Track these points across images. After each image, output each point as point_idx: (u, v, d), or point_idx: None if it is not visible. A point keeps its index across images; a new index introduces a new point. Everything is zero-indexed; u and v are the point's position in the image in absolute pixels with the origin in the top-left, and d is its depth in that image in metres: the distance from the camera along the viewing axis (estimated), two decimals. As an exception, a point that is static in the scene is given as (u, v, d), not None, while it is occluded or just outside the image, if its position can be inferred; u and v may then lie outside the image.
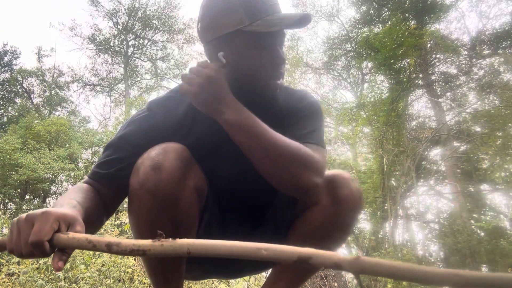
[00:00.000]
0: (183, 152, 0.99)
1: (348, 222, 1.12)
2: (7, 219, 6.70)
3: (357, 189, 1.11)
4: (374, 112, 11.57)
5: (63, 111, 18.24)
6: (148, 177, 0.93)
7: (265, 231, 1.22)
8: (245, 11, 1.00)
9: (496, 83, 11.43)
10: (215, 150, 1.12)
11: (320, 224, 1.09)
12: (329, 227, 1.09)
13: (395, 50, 10.52)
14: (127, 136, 1.08)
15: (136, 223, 1.00)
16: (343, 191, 1.09)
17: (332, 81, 17.46)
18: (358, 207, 1.11)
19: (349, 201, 1.09)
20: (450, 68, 12.56)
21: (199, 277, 1.34)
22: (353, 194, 1.10)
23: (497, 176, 11.30)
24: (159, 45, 21.01)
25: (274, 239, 1.17)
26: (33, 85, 18.28)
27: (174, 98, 1.15)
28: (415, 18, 12.03)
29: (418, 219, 12.32)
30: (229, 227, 1.21)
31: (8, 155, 11.41)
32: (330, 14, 16.15)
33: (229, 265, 1.26)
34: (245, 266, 1.30)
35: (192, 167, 1.01)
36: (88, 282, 4.68)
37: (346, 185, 1.10)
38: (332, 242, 1.13)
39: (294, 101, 1.18)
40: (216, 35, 1.04)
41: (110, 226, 6.01)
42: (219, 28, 1.03)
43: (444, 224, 11.73)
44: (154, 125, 1.09)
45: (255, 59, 1.03)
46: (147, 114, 1.11)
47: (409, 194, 11.78)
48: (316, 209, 1.10)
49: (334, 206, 1.08)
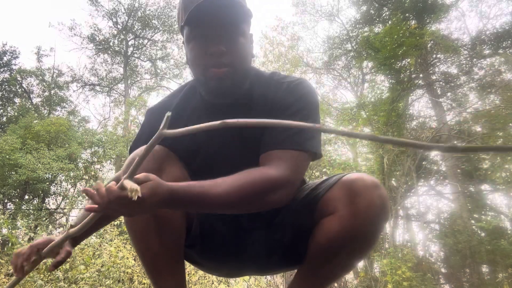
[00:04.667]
0: (158, 151, 1.06)
1: (369, 237, 1.02)
2: (6, 219, 6.67)
3: (380, 197, 0.99)
4: (374, 112, 11.55)
5: (62, 111, 18.19)
6: None
7: (283, 233, 1.18)
8: (183, 8, 1.07)
9: (497, 83, 11.41)
10: (210, 153, 1.16)
11: (337, 235, 1.01)
12: (347, 240, 1.00)
13: (396, 50, 10.50)
14: (136, 142, 1.23)
15: (127, 219, 1.10)
16: (362, 201, 0.98)
17: (332, 81, 17.42)
18: (380, 220, 1.00)
19: (370, 214, 0.98)
20: (451, 68, 12.55)
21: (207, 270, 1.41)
22: (374, 204, 0.98)
23: (498, 176, 11.27)
24: (158, 45, 20.97)
25: (293, 243, 1.15)
26: (33, 85, 18.22)
27: (170, 102, 1.23)
28: (416, 18, 12.01)
29: (419, 219, 12.31)
30: (236, 224, 1.21)
31: (8, 155, 11.38)
32: (330, 13, 16.12)
33: (232, 263, 1.26)
34: (248, 266, 1.28)
35: (168, 164, 1.07)
36: (88, 282, 4.67)
37: (366, 194, 0.99)
38: (351, 255, 1.05)
39: (281, 94, 1.12)
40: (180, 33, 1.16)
41: (110, 226, 6.01)
42: (179, 27, 1.14)
43: (445, 224, 11.71)
44: (153, 131, 1.13)
45: (191, 51, 1.08)
46: (145, 123, 1.25)
47: (409, 194, 11.77)
48: (333, 219, 1.02)
49: (352, 218, 0.99)
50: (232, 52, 1.05)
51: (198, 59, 1.07)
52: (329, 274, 1.08)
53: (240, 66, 1.08)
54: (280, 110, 1.09)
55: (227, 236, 1.20)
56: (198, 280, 5.74)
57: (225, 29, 1.04)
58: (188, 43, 1.08)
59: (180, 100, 1.22)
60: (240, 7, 1.03)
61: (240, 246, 1.21)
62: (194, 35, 1.06)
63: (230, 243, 1.20)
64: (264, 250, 1.20)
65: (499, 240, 9.70)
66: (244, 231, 1.21)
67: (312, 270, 1.08)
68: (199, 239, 1.17)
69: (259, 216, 1.22)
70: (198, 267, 1.35)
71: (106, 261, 5.05)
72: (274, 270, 1.32)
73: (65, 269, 4.88)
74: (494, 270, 10.53)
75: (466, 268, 10.63)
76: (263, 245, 1.19)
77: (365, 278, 9.38)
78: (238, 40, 1.06)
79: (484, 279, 10.31)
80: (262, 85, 1.17)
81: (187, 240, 1.15)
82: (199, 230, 1.17)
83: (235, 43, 1.06)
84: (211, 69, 1.05)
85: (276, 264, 1.23)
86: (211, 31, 1.04)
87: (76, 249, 5.38)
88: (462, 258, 10.23)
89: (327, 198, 1.06)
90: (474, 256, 9.85)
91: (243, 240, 1.21)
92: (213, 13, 1.02)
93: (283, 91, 1.13)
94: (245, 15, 1.07)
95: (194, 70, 1.11)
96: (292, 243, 1.14)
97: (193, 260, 1.28)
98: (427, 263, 10.62)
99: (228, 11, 1.02)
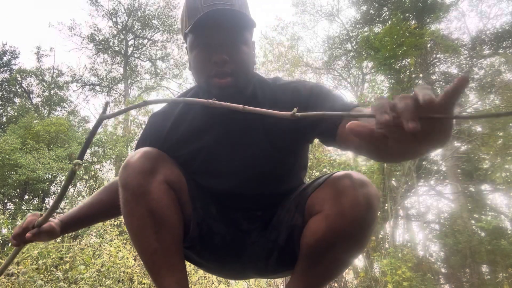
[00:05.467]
0: (150, 152, 1.10)
1: (356, 236, 0.99)
2: (6, 219, 6.67)
3: (365, 196, 0.96)
4: (374, 112, 11.53)
5: (62, 111, 18.18)
6: (120, 175, 1.08)
7: (278, 234, 1.18)
8: (188, 16, 1.08)
9: (497, 83, 11.42)
10: (213, 155, 1.18)
11: (324, 235, 0.99)
12: (335, 240, 0.99)
13: (395, 50, 10.50)
14: (139, 142, 1.30)
15: (124, 217, 1.11)
16: (347, 200, 0.96)
17: (332, 81, 17.43)
18: (366, 219, 0.97)
19: (355, 213, 0.95)
20: (451, 68, 12.55)
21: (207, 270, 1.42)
22: (359, 203, 0.95)
23: (498, 176, 11.29)
24: (158, 44, 20.96)
25: (288, 244, 1.15)
26: (32, 85, 18.21)
27: (173, 107, 1.27)
28: (416, 18, 12.02)
29: (419, 219, 12.31)
30: (235, 225, 1.22)
31: (7, 155, 11.38)
32: (330, 13, 16.12)
33: (232, 265, 1.26)
34: (248, 268, 1.28)
35: (162, 164, 1.10)
36: (88, 282, 4.67)
37: (351, 192, 0.97)
38: (341, 255, 1.03)
39: (291, 94, 1.14)
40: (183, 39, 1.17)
41: (110, 226, 6.02)
42: (182, 33, 1.16)
43: (445, 225, 11.72)
44: (156, 135, 1.24)
45: (194, 59, 1.09)
46: (148, 127, 1.30)
47: (409, 194, 11.77)
48: (319, 218, 1.01)
49: (338, 218, 0.97)
50: (235, 61, 1.06)
51: (201, 67, 1.08)
52: (322, 274, 1.07)
53: (243, 74, 1.09)
54: (300, 107, 1.08)
55: (226, 237, 1.20)
56: (198, 280, 5.74)
57: (229, 38, 1.05)
58: (192, 51, 1.09)
59: (183, 106, 1.24)
60: (243, 16, 1.04)
61: (239, 248, 1.21)
62: (198, 43, 1.07)
63: (229, 244, 1.20)
64: (261, 251, 1.20)
65: (499, 240, 9.71)
66: (242, 232, 1.21)
67: (306, 270, 1.08)
68: (198, 240, 1.17)
69: (257, 217, 1.23)
70: (200, 267, 1.36)
71: (106, 261, 5.04)
72: (274, 273, 1.30)
73: (65, 269, 4.88)
74: (494, 270, 10.54)
75: (466, 268, 10.64)
76: (261, 247, 1.20)
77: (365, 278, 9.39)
78: (241, 49, 1.07)
79: (484, 279, 10.32)
80: (266, 90, 1.18)
81: (186, 241, 1.15)
82: (197, 232, 1.16)
83: (238, 52, 1.07)
84: (214, 79, 1.06)
85: (275, 266, 1.21)
86: (214, 40, 1.05)
87: (76, 249, 5.38)
88: (462, 258, 10.24)
89: (315, 196, 1.06)
90: (474, 256, 9.85)
91: (242, 241, 1.21)
92: (217, 22, 1.03)
93: (292, 91, 1.15)
94: (248, 24, 1.07)
95: (197, 78, 1.12)
96: (287, 243, 1.14)
97: (194, 261, 1.28)
98: (427, 263, 10.62)
99: (232, 20, 1.03)
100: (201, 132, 1.17)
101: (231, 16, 1.02)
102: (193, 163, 1.18)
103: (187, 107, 1.23)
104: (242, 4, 1.07)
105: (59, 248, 5.31)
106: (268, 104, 1.13)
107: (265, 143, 1.14)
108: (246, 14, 1.05)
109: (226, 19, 1.02)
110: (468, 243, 9.79)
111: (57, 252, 5.12)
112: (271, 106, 1.10)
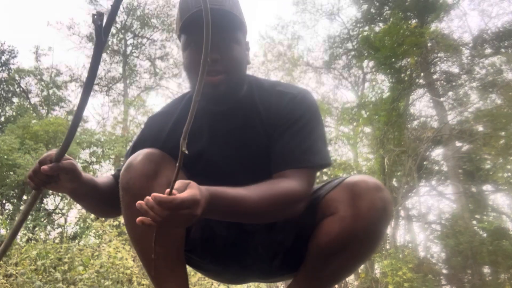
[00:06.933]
0: (154, 154, 1.09)
1: (370, 239, 1.04)
2: (4, 220, 6.63)
3: (382, 199, 1.01)
4: (375, 111, 11.56)
5: (61, 110, 18.11)
6: (122, 177, 1.07)
7: (285, 235, 1.18)
8: (180, 17, 1.10)
9: (499, 82, 11.42)
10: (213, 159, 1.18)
11: (337, 236, 1.02)
12: (348, 241, 1.02)
13: (396, 49, 10.52)
14: (136, 144, 1.27)
15: (125, 220, 1.10)
16: (364, 203, 1.00)
17: (332, 80, 17.40)
18: (381, 222, 1.02)
19: (371, 216, 1.00)
20: (452, 67, 12.54)
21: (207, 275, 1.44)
22: (376, 207, 1.00)
23: (500, 177, 11.31)
24: (158, 44, 20.92)
25: (295, 246, 1.16)
26: (31, 84, 18.13)
27: (171, 110, 1.27)
28: (416, 17, 12.02)
29: (420, 220, 12.31)
30: (239, 227, 1.20)
31: (6, 155, 11.32)
32: (330, 12, 16.09)
33: (234, 268, 1.26)
34: (251, 271, 1.28)
35: (165, 166, 1.08)
36: (87, 283, 4.68)
37: (368, 196, 1.01)
38: (352, 257, 1.06)
39: (286, 105, 1.14)
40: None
41: (109, 227, 6.02)
42: (177, 35, 1.18)
43: (446, 225, 11.70)
44: (154, 138, 1.23)
45: (186, 58, 1.12)
46: (145, 129, 1.29)
47: (410, 195, 11.78)
48: (334, 220, 1.04)
49: (353, 220, 1.01)
50: (226, 59, 1.08)
51: (193, 66, 1.10)
52: (329, 277, 1.09)
53: (235, 72, 1.11)
54: (288, 123, 1.12)
55: (229, 239, 1.20)
56: (198, 281, 5.74)
57: (220, 36, 1.05)
58: (184, 50, 1.13)
59: (181, 110, 1.24)
60: (234, 16, 1.07)
61: (242, 250, 1.21)
62: (189, 43, 1.10)
63: (232, 246, 1.20)
64: (266, 253, 1.20)
65: (501, 241, 9.71)
66: (246, 234, 1.20)
67: (312, 272, 1.09)
68: (199, 243, 1.18)
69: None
70: (201, 272, 1.38)
71: (105, 262, 5.06)
72: (277, 276, 1.32)
73: (63, 270, 4.88)
74: (496, 271, 10.53)
75: (467, 269, 10.62)
76: (266, 248, 1.20)
77: (366, 279, 9.39)
78: (232, 47, 1.10)
79: (486, 280, 10.30)
80: (263, 93, 1.19)
81: (187, 244, 1.16)
82: (199, 234, 1.17)
83: (230, 50, 1.09)
84: (206, 77, 1.03)
85: (278, 268, 1.22)
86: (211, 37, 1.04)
87: (74, 250, 5.38)
88: (463, 259, 10.22)
89: (329, 198, 1.08)
90: (476, 257, 9.84)
91: (245, 243, 1.20)
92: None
93: (287, 102, 1.15)
94: (240, 24, 1.10)
95: (190, 77, 1.15)
96: (294, 245, 1.15)
97: (195, 265, 1.28)
98: (428, 264, 10.62)
99: (222, 19, 1.05)
100: (201, 132, 1.17)
101: (221, 15, 1.04)
102: (193, 168, 1.17)
103: (188, 106, 1.20)
104: (233, 5, 1.08)
105: (57, 249, 5.33)
106: (263, 106, 1.16)
107: (264, 139, 1.15)
108: (236, 15, 1.08)
109: (217, 18, 1.02)
110: (469, 244, 9.77)
111: (55, 253, 5.15)
112: (265, 109, 1.15)
